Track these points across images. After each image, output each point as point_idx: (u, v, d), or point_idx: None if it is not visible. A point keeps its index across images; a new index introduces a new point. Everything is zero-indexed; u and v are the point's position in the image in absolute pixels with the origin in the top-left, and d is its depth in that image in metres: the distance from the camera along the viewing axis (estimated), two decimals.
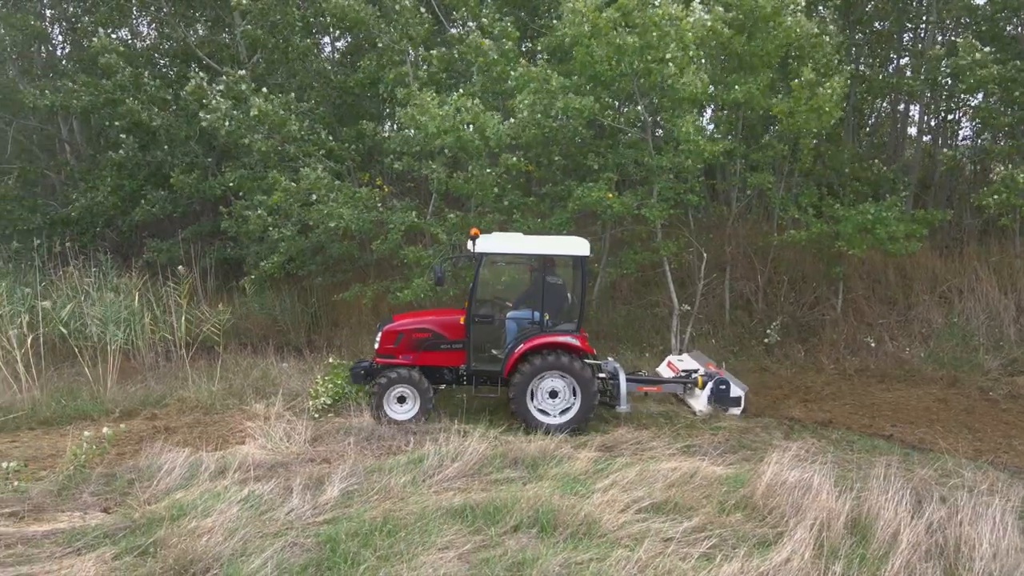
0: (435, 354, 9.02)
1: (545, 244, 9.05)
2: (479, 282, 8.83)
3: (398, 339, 8.99)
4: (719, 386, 9.19)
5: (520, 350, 8.62)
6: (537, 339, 8.66)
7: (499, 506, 6.00)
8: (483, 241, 8.70)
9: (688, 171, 11.49)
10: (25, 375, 9.63)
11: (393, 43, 12.61)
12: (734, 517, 5.90)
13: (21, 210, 14.92)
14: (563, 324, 8.92)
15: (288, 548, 5.44)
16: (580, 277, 8.97)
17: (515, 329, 8.94)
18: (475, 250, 8.67)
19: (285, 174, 11.98)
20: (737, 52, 11.47)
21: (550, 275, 8.98)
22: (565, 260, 9.16)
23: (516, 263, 9.61)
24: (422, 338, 9.01)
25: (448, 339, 9.00)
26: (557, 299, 9.00)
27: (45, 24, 15.91)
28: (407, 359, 8.96)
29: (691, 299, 12.55)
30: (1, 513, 5.98)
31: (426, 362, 9.02)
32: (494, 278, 10.28)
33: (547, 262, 8.92)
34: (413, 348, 8.99)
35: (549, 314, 8.86)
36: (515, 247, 9.07)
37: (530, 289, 9.25)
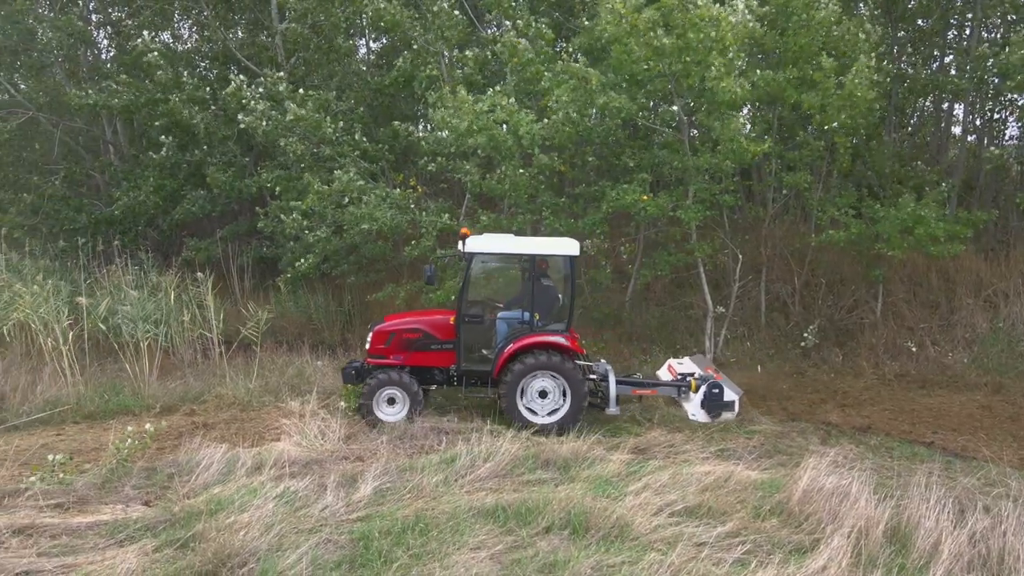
0: (426, 354, 9.06)
1: (534, 244, 9.06)
2: (469, 282, 8.87)
3: (389, 339, 9.05)
4: (712, 390, 8.96)
5: (509, 350, 8.63)
6: (526, 339, 8.67)
7: (531, 507, 6.00)
8: (473, 241, 8.77)
9: (724, 172, 11.37)
10: (70, 370, 9.89)
11: (428, 44, 12.69)
12: (769, 523, 5.81)
13: (67, 210, 15.32)
14: (553, 324, 8.92)
15: (322, 544, 5.51)
16: (570, 278, 8.97)
17: (505, 329, 8.97)
18: (465, 250, 8.73)
19: (319, 176, 12.12)
20: (769, 47, 11.31)
21: (542, 276, 8.97)
22: (556, 261, 9.14)
23: (507, 264, 9.54)
24: (413, 338, 9.06)
25: (439, 339, 9.04)
26: (548, 300, 9.00)
27: (90, 28, 16.32)
28: (398, 359, 9.01)
29: (726, 301, 12.40)
30: (47, 504, 6.15)
31: (417, 362, 9.06)
32: (487, 279, 10.24)
33: (539, 263, 8.92)
34: (404, 348, 9.04)
35: (540, 314, 8.87)
36: (505, 247, 9.05)
37: (522, 290, 9.26)
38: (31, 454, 7.63)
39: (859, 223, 11.65)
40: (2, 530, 5.64)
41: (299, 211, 12.20)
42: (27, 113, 15.32)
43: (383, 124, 14.32)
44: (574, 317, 9.19)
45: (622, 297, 13.41)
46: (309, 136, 12.51)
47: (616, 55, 10.79)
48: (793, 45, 11.12)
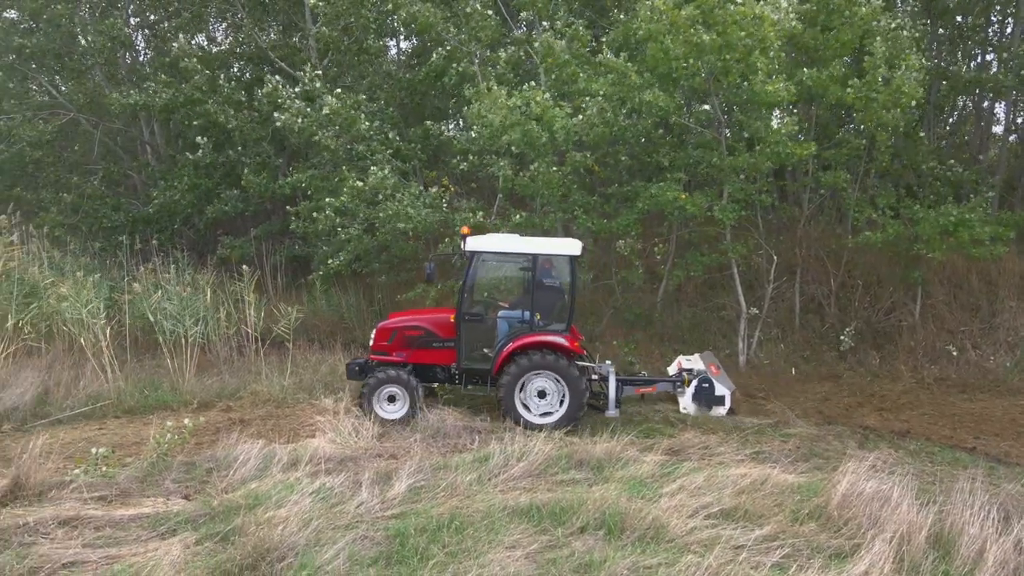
0: (427, 352, 9.13)
1: (536, 244, 9.05)
2: (471, 281, 8.90)
3: (392, 336, 9.13)
4: (702, 384, 9.06)
5: (508, 349, 8.66)
6: (525, 338, 8.69)
7: (565, 507, 5.99)
8: (474, 240, 8.82)
9: (760, 172, 11.25)
10: (111, 366, 10.10)
11: (461, 44, 12.73)
12: (808, 527, 5.73)
13: (105, 208, 15.63)
14: (554, 324, 8.93)
15: (359, 541, 5.55)
16: (571, 277, 8.99)
17: (506, 328, 9.00)
18: (466, 249, 8.76)
19: (353, 173, 12.21)
20: (810, 44, 11.16)
21: (546, 276, 8.98)
22: (558, 260, 9.12)
23: (510, 263, 9.54)
24: (415, 336, 9.13)
25: (440, 337, 9.10)
26: (551, 300, 9.01)
27: (129, 31, 16.64)
28: (400, 356, 9.08)
29: (759, 302, 12.27)
30: (91, 496, 6.29)
31: (418, 360, 9.13)
32: (491, 278, 10.22)
33: (543, 263, 8.92)
34: (406, 345, 9.11)
35: (542, 314, 8.87)
36: (506, 246, 9.04)
37: (516, 289, 9.32)
38: (75, 447, 7.82)
39: (897, 224, 11.44)
40: (48, 521, 5.78)
41: (332, 208, 12.30)
42: (68, 114, 15.67)
43: (414, 124, 14.40)
44: (574, 316, 9.23)
45: (654, 298, 13.32)
46: (343, 132, 12.61)
47: (652, 52, 10.72)
48: (835, 41, 10.96)
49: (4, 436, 8.36)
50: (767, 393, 10.48)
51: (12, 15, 15.41)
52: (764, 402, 10.09)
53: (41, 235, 13.74)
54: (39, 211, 15.30)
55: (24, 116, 14.84)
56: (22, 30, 15.24)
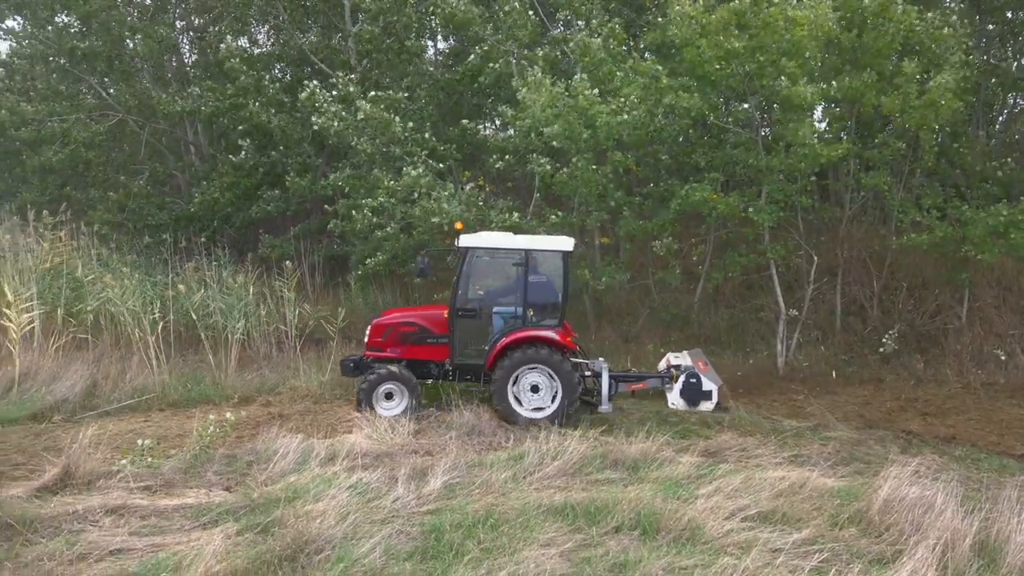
0: (421, 348, 9.18)
1: (529, 241, 9.13)
2: (463, 277, 8.95)
3: (386, 333, 9.18)
4: (689, 379, 9.14)
5: (501, 344, 8.72)
6: (517, 333, 8.76)
7: (600, 506, 5.98)
8: (467, 237, 8.88)
9: (799, 172, 11.08)
10: (156, 360, 10.37)
11: (499, 43, 12.77)
12: (848, 531, 5.63)
13: (151, 207, 16.04)
14: (546, 319, 9.00)
15: (395, 535, 5.61)
16: (564, 273, 9.03)
17: (499, 324, 9.05)
18: (459, 245, 8.82)
19: (388, 174, 12.33)
20: (847, 48, 10.95)
21: (534, 272, 9.02)
22: (551, 256, 9.14)
23: (502, 259, 9.51)
24: (409, 332, 9.18)
25: (434, 333, 9.15)
26: (542, 295, 9.09)
27: (175, 34, 17.05)
28: (395, 352, 9.12)
29: (799, 304, 12.07)
30: (137, 486, 6.46)
31: (413, 356, 9.16)
32: (483, 275, 10.25)
33: (532, 259, 8.97)
34: (400, 342, 9.15)
35: (533, 310, 8.95)
36: (499, 242, 9.11)
37: (510, 285, 9.32)
38: (122, 439, 8.03)
39: (944, 225, 11.15)
40: (96, 509, 5.96)
41: (369, 208, 12.44)
42: (116, 116, 16.12)
43: (451, 123, 14.49)
44: (566, 312, 9.30)
45: (691, 298, 13.20)
46: (379, 135, 12.74)
47: (688, 57, 10.65)
48: (872, 46, 10.75)
49: (55, 427, 8.64)
50: (807, 396, 10.32)
51: (64, 19, 15.86)
52: (803, 405, 9.93)
53: (90, 232, 14.16)
54: (88, 209, 15.76)
55: (78, 118, 15.29)
56: (74, 34, 15.71)
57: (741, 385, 10.93)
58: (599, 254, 13.47)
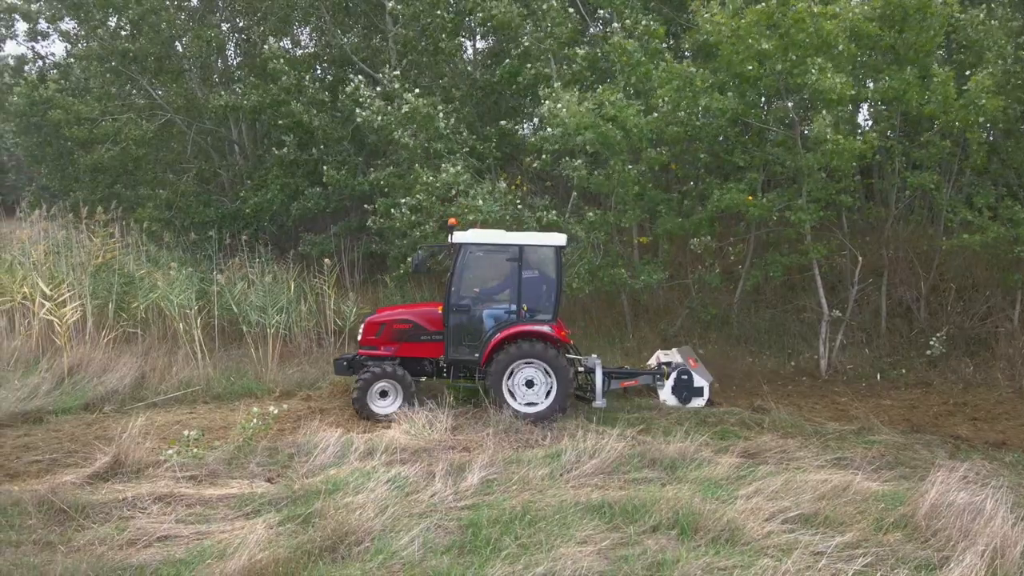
0: (416, 345, 9.21)
1: (522, 236, 9.20)
2: (458, 273, 8.97)
3: (380, 330, 9.21)
4: (681, 376, 9.31)
5: (496, 339, 8.75)
6: (512, 328, 8.79)
7: (637, 505, 5.96)
8: (461, 233, 8.92)
9: (841, 170, 10.86)
10: (201, 354, 10.63)
11: (538, 42, 12.77)
12: (893, 536, 5.52)
13: (197, 205, 16.42)
14: (540, 315, 9.02)
15: (433, 529, 5.68)
16: (557, 268, 9.04)
17: (493, 320, 9.06)
18: (453, 241, 8.85)
19: (428, 170, 12.41)
20: (888, 45, 10.71)
21: (528, 268, 9.06)
22: (545, 252, 9.16)
23: (496, 255, 9.51)
24: (403, 329, 9.21)
25: (429, 330, 9.17)
26: (536, 290, 9.14)
27: (222, 36, 17.42)
28: (389, 350, 9.14)
29: (843, 305, 11.82)
30: (183, 476, 6.65)
31: (407, 353, 9.19)
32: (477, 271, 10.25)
33: (526, 254, 9.01)
34: (394, 339, 9.18)
35: (527, 305, 8.98)
36: (492, 238, 9.14)
37: (502, 280, 9.35)
38: (169, 430, 8.28)
39: (996, 226, 10.82)
40: (145, 497, 6.15)
41: (407, 206, 12.54)
42: (165, 116, 16.54)
43: (489, 123, 14.53)
44: (560, 307, 9.33)
45: (730, 298, 13.02)
46: (421, 130, 12.84)
47: (724, 57, 10.54)
48: (914, 43, 10.49)
49: (105, 417, 8.92)
50: (850, 398, 10.12)
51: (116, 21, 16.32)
52: (847, 407, 9.74)
53: (138, 229, 14.56)
54: (137, 207, 16.20)
55: (128, 117, 15.73)
56: (125, 36, 16.15)
57: (782, 387, 10.78)
58: (637, 253, 13.39)
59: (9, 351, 10.50)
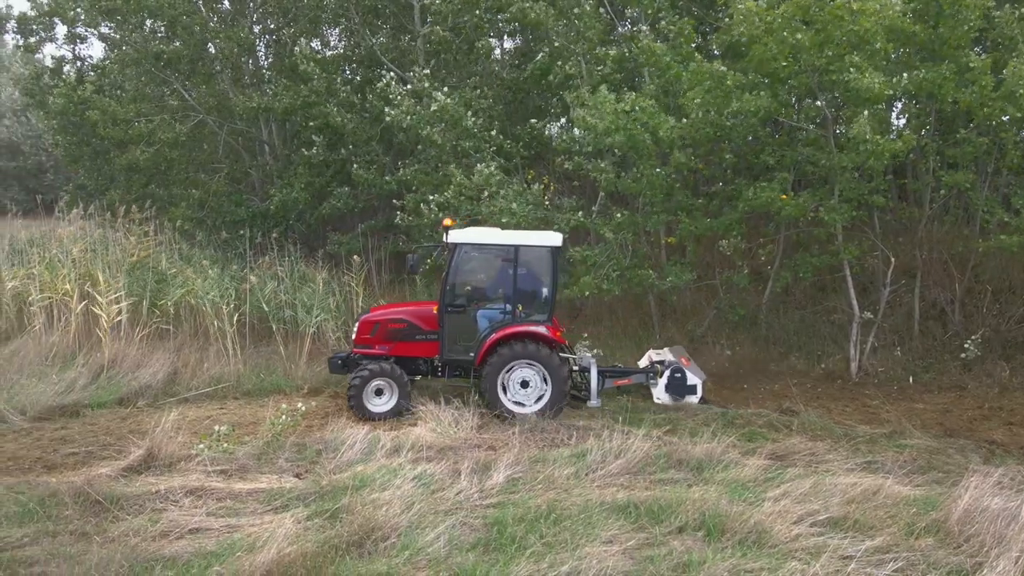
0: (410, 344, 9.20)
1: (517, 236, 9.14)
2: (453, 273, 8.97)
3: (374, 329, 9.20)
4: (675, 374, 9.36)
5: (491, 339, 8.72)
6: (507, 328, 8.77)
7: (664, 506, 5.94)
8: (456, 233, 8.91)
9: (873, 170, 10.69)
10: (232, 350, 10.80)
11: (568, 43, 12.74)
12: (924, 541, 5.43)
13: (228, 204, 16.67)
14: (535, 315, 9.01)
15: (458, 526, 5.71)
16: (552, 269, 9.02)
17: (487, 320, 9.05)
18: (448, 241, 8.84)
19: (460, 170, 12.46)
20: (922, 40, 10.51)
21: (523, 267, 9.04)
22: (540, 252, 9.13)
23: (491, 255, 9.54)
24: (398, 328, 9.20)
25: (423, 330, 9.16)
26: (531, 290, 9.13)
27: (253, 37, 17.66)
28: (383, 349, 9.13)
29: (874, 307, 11.63)
30: (214, 470, 6.77)
31: (402, 352, 9.17)
32: (472, 270, 10.22)
33: (521, 254, 9.00)
34: (389, 338, 9.17)
35: (522, 305, 8.96)
36: (488, 238, 9.10)
37: (498, 280, 9.34)
38: (200, 424, 8.43)
39: None
40: (177, 490, 6.27)
41: (435, 203, 12.61)
42: (197, 117, 16.82)
43: (517, 122, 14.55)
44: (555, 307, 9.32)
45: (759, 299, 12.89)
46: (450, 128, 12.89)
47: (755, 55, 10.41)
48: (948, 37, 10.29)
49: (139, 411, 9.12)
50: (881, 401, 9.95)
51: (151, 24, 16.64)
52: (878, 411, 9.59)
53: (171, 228, 14.83)
54: (170, 206, 16.50)
55: (162, 118, 16.04)
56: (160, 38, 16.46)
57: (811, 389, 10.65)
58: (665, 254, 13.31)
59: (47, 346, 10.76)
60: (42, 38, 16.51)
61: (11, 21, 16.16)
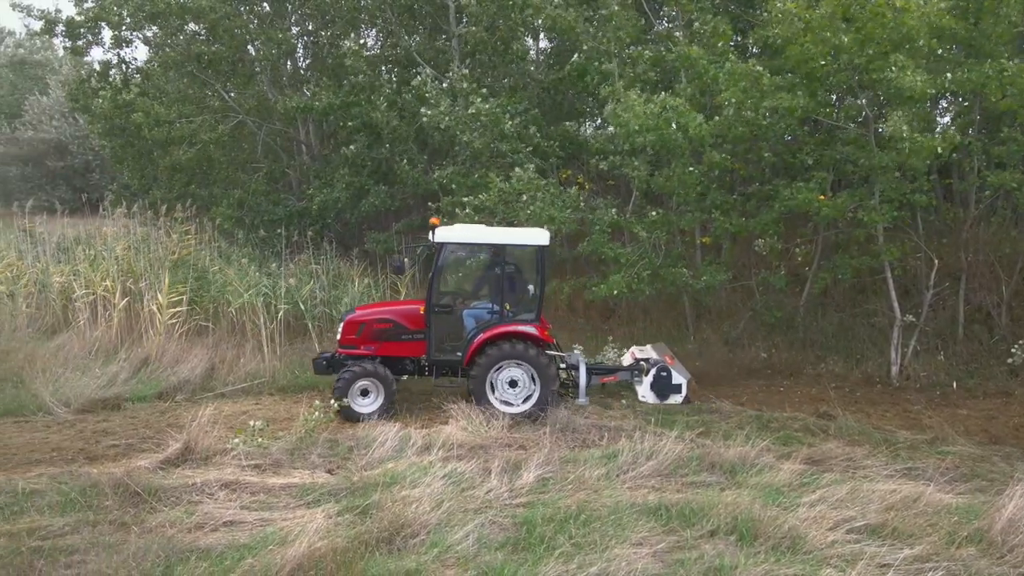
0: (396, 344, 9.09)
1: (504, 234, 9.02)
2: (439, 272, 8.89)
3: (360, 330, 9.08)
4: (660, 373, 9.28)
5: (479, 339, 8.65)
6: (495, 328, 8.69)
7: (695, 509, 5.88)
8: (442, 231, 8.81)
9: (915, 169, 10.42)
10: (268, 347, 10.96)
11: (600, 44, 12.67)
12: (966, 551, 5.27)
13: (266, 203, 16.93)
14: (523, 314, 8.92)
15: (487, 525, 5.71)
16: (541, 267, 8.93)
17: (475, 320, 8.97)
18: (434, 240, 8.76)
19: (497, 173, 12.45)
20: (964, 38, 10.21)
21: (510, 266, 8.96)
22: (527, 250, 9.06)
23: (477, 253, 9.47)
24: (383, 328, 9.09)
25: (409, 329, 9.06)
26: (516, 289, 9.03)
27: (292, 39, 17.92)
28: (369, 349, 9.03)
29: (916, 310, 11.34)
30: (248, 464, 6.88)
31: (387, 352, 9.08)
32: (459, 270, 10.09)
33: (508, 253, 8.94)
34: (375, 339, 9.07)
35: (509, 304, 8.87)
36: (475, 237, 9.04)
37: (484, 279, 9.25)
38: (235, 419, 8.57)
39: None
40: (212, 483, 6.39)
41: (471, 206, 12.62)
42: (237, 117, 17.13)
43: (552, 123, 14.50)
44: (543, 306, 9.23)
45: (796, 301, 12.66)
46: (488, 131, 12.88)
47: (793, 54, 10.23)
48: (991, 33, 9.98)
49: (177, 406, 9.31)
50: (923, 407, 9.70)
51: (193, 27, 16.98)
52: (919, 416, 9.34)
53: (211, 227, 15.11)
54: (210, 205, 16.82)
55: (203, 119, 16.36)
56: (201, 41, 16.79)
57: (849, 393, 10.42)
58: (700, 253, 13.15)
59: (91, 341, 11.06)
60: (89, 42, 16.92)
61: (59, 25, 16.56)
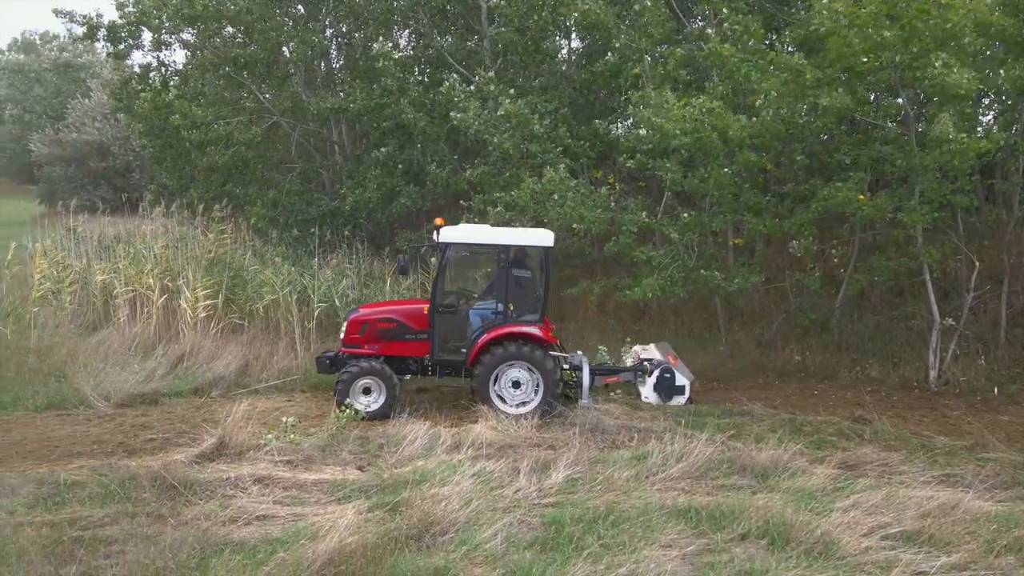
0: (400, 344, 9.10)
1: (510, 235, 9.00)
2: (443, 272, 8.89)
3: (363, 329, 9.10)
4: (664, 374, 9.27)
5: (483, 340, 8.63)
6: (499, 329, 8.66)
7: (726, 512, 5.82)
8: (447, 231, 8.80)
9: (957, 170, 10.18)
10: (301, 344, 11.11)
11: (631, 42, 12.60)
12: (1005, 560, 5.15)
13: (300, 203, 17.15)
14: (527, 315, 8.87)
15: (516, 524, 5.73)
16: (545, 268, 8.89)
17: (479, 320, 8.93)
18: (439, 240, 8.75)
19: (528, 173, 12.46)
20: (1010, 35, 9.94)
21: (516, 267, 8.88)
22: (532, 251, 9.03)
23: (483, 254, 9.39)
24: (387, 328, 9.10)
25: (413, 329, 9.06)
26: (523, 290, 8.96)
27: (326, 41, 18.13)
28: (372, 349, 9.02)
29: (956, 313, 11.08)
30: (280, 460, 6.99)
31: (391, 352, 9.07)
32: (463, 270, 10.00)
33: (515, 253, 8.87)
34: (378, 338, 9.07)
35: (514, 305, 8.83)
36: (479, 237, 9.03)
37: (495, 280, 9.18)
38: (268, 416, 8.71)
39: None
40: (246, 478, 6.50)
41: (503, 203, 12.63)
42: (271, 118, 17.39)
43: (583, 122, 14.46)
44: (547, 307, 9.22)
45: (831, 303, 12.45)
46: (518, 132, 12.89)
47: (833, 48, 10.06)
48: None
49: (212, 401, 9.49)
50: (963, 412, 9.48)
51: (230, 30, 17.28)
52: (958, 422, 9.13)
53: (247, 226, 15.35)
54: (245, 205, 17.09)
55: (239, 120, 16.64)
56: (237, 43, 17.08)
57: (885, 397, 10.22)
58: (732, 255, 13.01)
59: (130, 337, 11.32)
60: (130, 45, 17.32)
61: (101, 30, 16.98)
